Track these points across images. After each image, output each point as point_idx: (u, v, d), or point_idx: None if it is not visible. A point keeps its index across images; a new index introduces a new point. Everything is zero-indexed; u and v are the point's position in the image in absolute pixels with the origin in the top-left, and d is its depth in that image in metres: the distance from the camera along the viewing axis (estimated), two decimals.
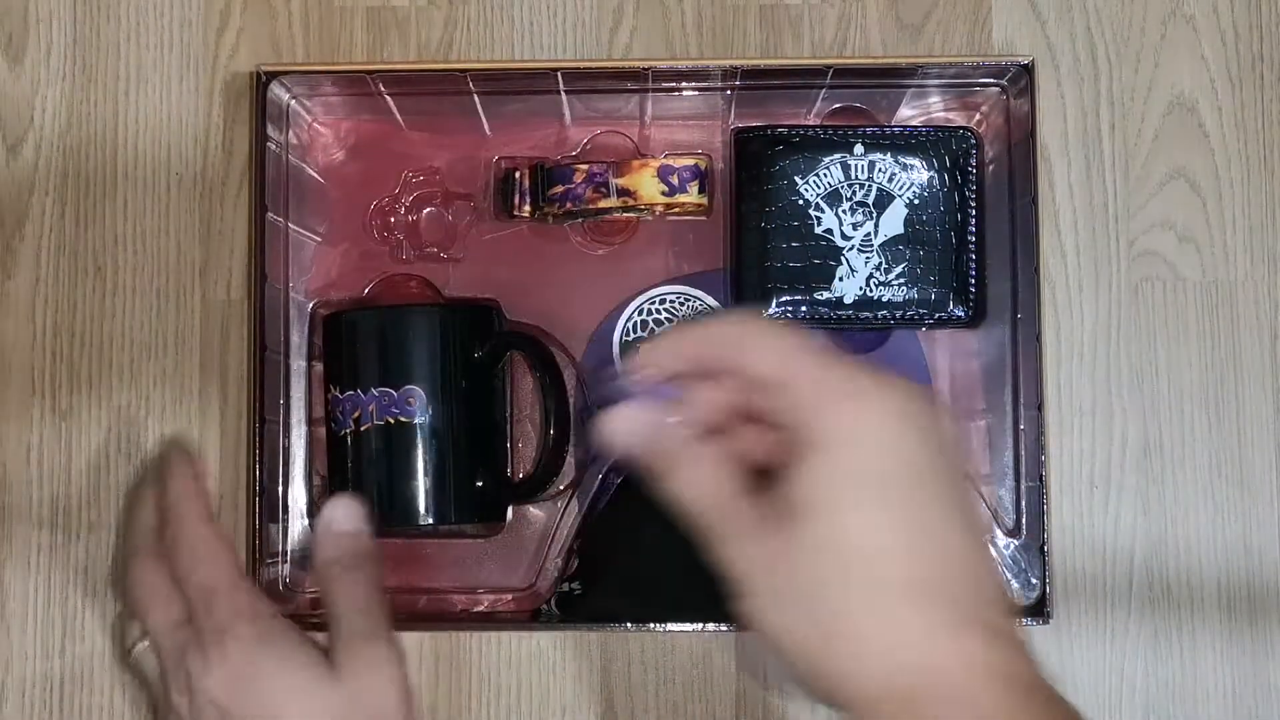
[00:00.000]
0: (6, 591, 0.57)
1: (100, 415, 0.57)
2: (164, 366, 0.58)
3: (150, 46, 0.59)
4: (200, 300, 0.58)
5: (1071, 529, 0.57)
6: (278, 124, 0.56)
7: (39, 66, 0.59)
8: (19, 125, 0.58)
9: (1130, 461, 0.58)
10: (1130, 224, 0.58)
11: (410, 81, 0.56)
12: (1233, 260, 0.58)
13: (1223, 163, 0.58)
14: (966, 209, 0.55)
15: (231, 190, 0.58)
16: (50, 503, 0.57)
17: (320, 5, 0.59)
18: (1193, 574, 0.57)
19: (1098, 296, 0.58)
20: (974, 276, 0.55)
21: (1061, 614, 0.56)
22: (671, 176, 0.55)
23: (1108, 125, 0.59)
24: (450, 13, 0.59)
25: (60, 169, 0.58)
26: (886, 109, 0.58)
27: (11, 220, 0.58)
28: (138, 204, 0.58)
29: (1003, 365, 0.56)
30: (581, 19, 0.59)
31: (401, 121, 0.58)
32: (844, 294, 0.55)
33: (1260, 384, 0.58)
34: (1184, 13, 0.59)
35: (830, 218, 0.55)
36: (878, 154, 0.55)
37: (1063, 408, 0.57)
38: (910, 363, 0.57)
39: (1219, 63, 0.59)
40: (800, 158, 0.55)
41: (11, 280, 0.58)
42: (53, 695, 0.56)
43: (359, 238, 0.58)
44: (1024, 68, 0.55)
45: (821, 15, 0.59)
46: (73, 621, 0.57)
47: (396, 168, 0.58)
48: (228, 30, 0.59)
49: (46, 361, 0.58)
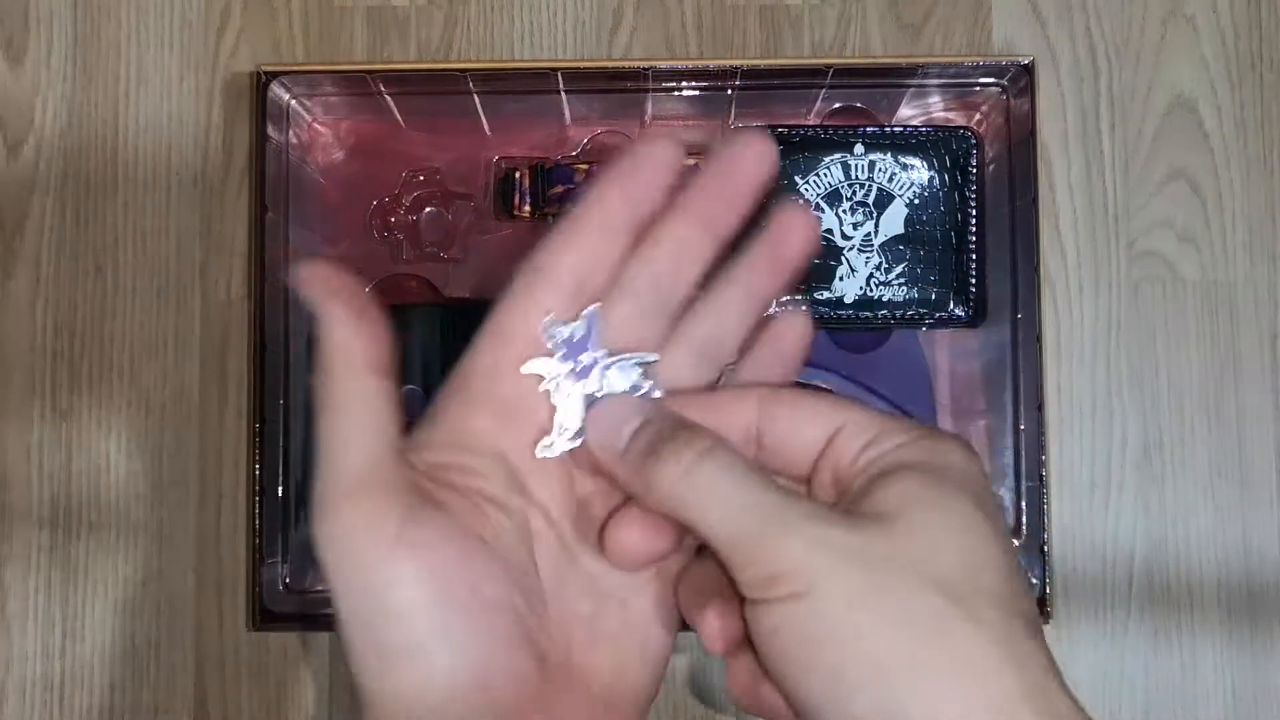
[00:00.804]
0: (6, 591, 0.57)
1: (100, 415, 0.57)
2: (164, 366, 0.58)
3: (150, 47, 0.59)
4: (200, 300, 0.58)
5: (1071, 529, 0.57)
6: (278, 124, 0.56)
7: (39, 67, 0.59)
8: (19, 125, 0.58)
9: (1130, 461, 0.58)
10: (1130, 224, 0.58)
11: (410, 81, 0.56)
12: (1233, 260, 0.58)
13: (1223, 162, 0.58)
14: (966, 209, 0.55)
15: (231, 190, 0.58)
16: (50, 503, 0.57)
17: (320, 5, 0.59)
18: (1193, 574, 0.57)
19: (1098, 296, 0.58)
20: (974, 276, 0.55)
21: (1061, 614, 0.56)
22: None
23: (1108, 125, 0.59)
24: (450, 13, 0.59)
25: (60, 169, 0.58)
26: (886, 109, 0.58)
27: (12, 220, 0.58)
28: (138, 204, 0.58)
29: (1003, 365, 0.56)
30: (581, 19, 0.59)
31: (401, 121, 0.58)
32: (844, 294, 0.55)
33: (1260, 384, 0.58)
34: (1184, 13, 0.59)
35: (830, 217, 0.55)
36: (878, 154, 0.55)
37: (1063, 408, 0.58)
38: (910, 363, 0.57)
39: (1219, 63, 0.59)
40: (800, 158, 0.55)
41: (11, 280, 0.58)
42: (53, 695, 0.57)
43: (359, 238, 0.58)
44: (1024, 68, 0.55)
45: (821, 15, 0.59)
46: (73, 621, 0.57)
47: (396, 168, 0.58)
48: (228, 30, 0.59)
49: (46, 361, 0.58)
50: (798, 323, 0.40)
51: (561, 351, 0.38)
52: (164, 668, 0.57)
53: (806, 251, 0.39)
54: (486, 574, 0.36)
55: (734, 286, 0.40)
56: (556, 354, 0.38)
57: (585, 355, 0.38)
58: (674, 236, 0.39)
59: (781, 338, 0.40)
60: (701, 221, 0.39)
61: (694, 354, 0.39)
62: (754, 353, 0.40)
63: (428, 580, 0.35)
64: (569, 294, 0.39)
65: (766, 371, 0.40)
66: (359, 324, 0.37)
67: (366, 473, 0.35)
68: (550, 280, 0.39)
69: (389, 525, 0.35)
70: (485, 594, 0.36)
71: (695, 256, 0.39)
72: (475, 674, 0.35)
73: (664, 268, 0.39)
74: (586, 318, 0.38)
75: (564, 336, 0.38)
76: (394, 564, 0.35)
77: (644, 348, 0.39)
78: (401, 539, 0.35)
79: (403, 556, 0.35)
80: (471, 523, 0.36)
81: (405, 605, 0.35)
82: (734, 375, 0.40)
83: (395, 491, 0.36)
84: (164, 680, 0.57)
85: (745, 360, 0.40)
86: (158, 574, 0.57)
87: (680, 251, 0.39)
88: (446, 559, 0.35)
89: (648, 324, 0.39)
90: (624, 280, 0.39)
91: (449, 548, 0.35)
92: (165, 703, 0.57)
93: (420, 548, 0.35)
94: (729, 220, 0.39)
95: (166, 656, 0.57)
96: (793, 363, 0.40)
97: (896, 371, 0.57)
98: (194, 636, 0.57)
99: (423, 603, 0.35)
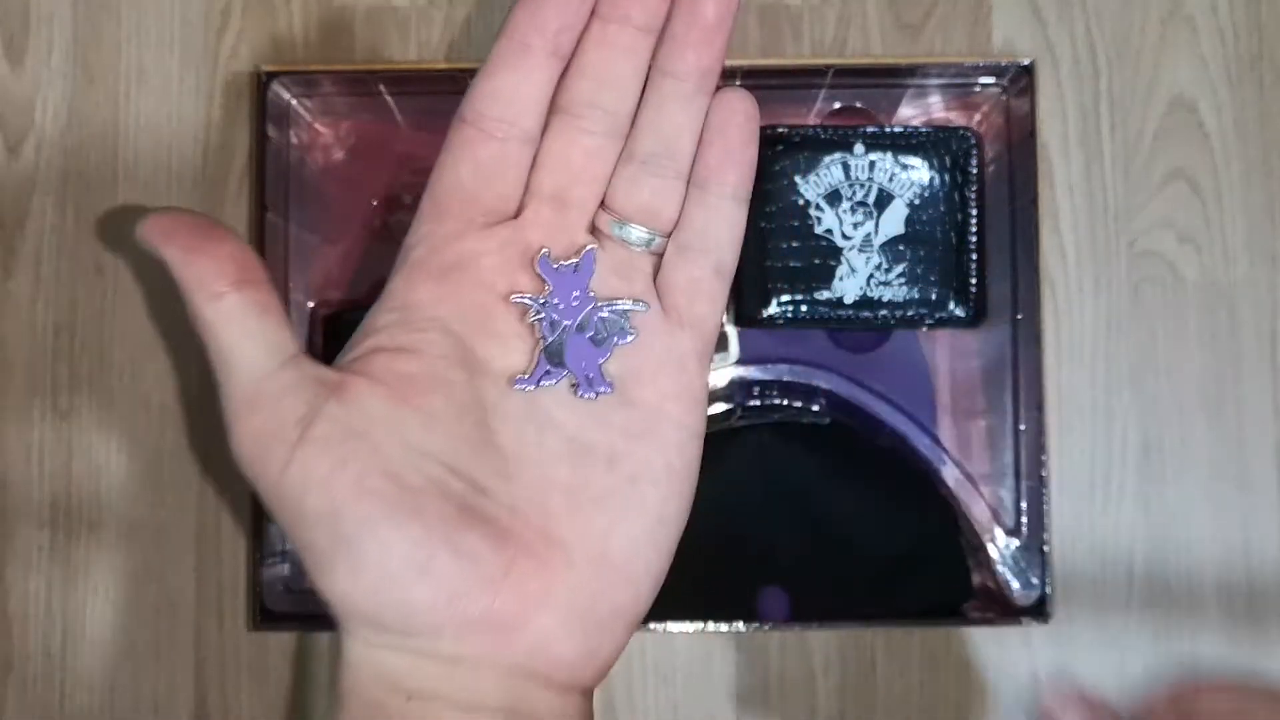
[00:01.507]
0: (7, 591, 0.57)
1: (100, 415, 0.57)
2: (164, 366, 0.58)
3: (151, 46, 0.59)
4: None
5: (1071, 529, 0.57)
6: (278, 124, 0.56)
7: (40, 66, 0.59)
8: (20, 125, 0.58)
9: (1130, 461, 0.58)
10: (1130, 224, 0.58)
11: (410, 81, 0.56)
12: (1233, 260, 0.58)
13: (1223, 162, 0.58)
14: (967, 209, 0.55)
15: (231, 190, 0.58)
16: (50, 503, 0.57)
17: (320, 5, 0.59)
18: (1193, 574, 0.57)
19: (1098, 296, 0.58)
20: (974, 276, 0.55)
21: (1061, 614, 0.56)
22: None
23: (1108, 125, 0.59)
24: (450, 13, 0.59)
25: (60, 169, 0.58)
26: (887, 109, 0.58)
27: (12, 220, 0.58)
28: (138, 204, 0.58)
29: (1003, 365, 0.56)
30: None
31: (401, 121, 0.58)
32: (844, 294, 0.55)
33: (1260, 384, 0.58)
34: (1184, 13, 0.59)
35: (830, 217, 0.55)
36: (878, 154, 0.55)
37: (1063, 408, 0.58)
38: (910, 363, 0.57)
39: (1219, 63, 0.59)
40: (800, 157, 0.55)
41: (11, 280, 0.58)
42: (53, 695, 0.57)
43: (359, 238, 0.58)
44: (1024, 68, 0.55)
45: (821, 15, 0.59)
46: (73, 621, 0.57)
47: (396, 168, 0.58)
48: (228, 30, 0.59)
49: (47, 361, 0.58)
50: (738, 104, 0.38)
51: (551, 286, 0.38)
52: (164, 668, 0.57)
53: (724, 14, 0.37)
54: (406, 460, 0.35)
55: (666, 79, 0.38)
56: (547, 287, 0.38)
57: (577, 294, 0.38)
58: (607, 44, 0.37)
59: (726, 126, 0.38)
60: (628, 19, 0.37)
61: (652, 173, 0.38)
62: (703, 153, 0.38)
63: (339, 477, 0.35)
64: (501, 143, 0.38)
65: (722, 168, 0.38)
66: (199, 251, 0.36)
67: (253, 385, 0.36)
68: (481, 130, 0.37)
69: (288, 430, 0.35)
70: (408, 481, 0.35)
71: (635, 61, 0.38)
72: (407, 562, 0.35)
73: (606, 82, 0.38)
74: (584, 255, 0.38)
75: (556, 270, 0.38)
76: (302, 467, 0.35)
77: (609, 177, 0.38)
78: (306, 441, 0.35)
79: (309, 457, 0.35)
80: (402, 405, 0.36)
81: (321, 507, 0.35)
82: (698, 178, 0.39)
83: (291, 395, 0.36)
84: (164, 680, 0.57)
85: (699, 160, 0.38)
86: (158, 574, 0.57)
87: (617, 59, 0.38)
88: (357, 452, 0.35)
89: (609, 149, 0.38)
90: (567, 106, 0.38)
91: (359, 443, 0.35)
92: (165, 703, 0.57)
93: (326, 445, 0.35)
94: (657, 8, 0.37)
95: (166, 656, 0.57)
96: (748, 149, 0.38)
97: (896, 371, 0.57)
98: (194, 636, 0.57)
99: (336, 502, 0.35)
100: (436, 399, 0.36)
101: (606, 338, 0.38)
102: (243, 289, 0.36)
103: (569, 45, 0.38)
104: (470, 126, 0.38)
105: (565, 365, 0.37)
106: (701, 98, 0.38)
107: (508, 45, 0.37)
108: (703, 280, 0.39)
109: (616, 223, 0.38)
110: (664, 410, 0.38)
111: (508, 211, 0.39)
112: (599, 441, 0.37)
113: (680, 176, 0.39)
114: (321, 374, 0.37)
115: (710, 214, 0.39)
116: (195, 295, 0.36)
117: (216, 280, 0.36)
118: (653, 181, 0.38)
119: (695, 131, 0.38)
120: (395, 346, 0.37)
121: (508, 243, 0.38)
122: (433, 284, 0.37)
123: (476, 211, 0.38)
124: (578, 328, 0.38)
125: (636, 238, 0.38)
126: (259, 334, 0.36)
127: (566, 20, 0.37)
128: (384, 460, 0.35)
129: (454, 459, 0.36)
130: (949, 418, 0.57)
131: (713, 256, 0.39)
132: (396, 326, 0.37)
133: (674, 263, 0.39)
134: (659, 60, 0.38)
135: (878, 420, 0.57)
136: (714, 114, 0.38)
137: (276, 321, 0.37)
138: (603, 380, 0.38)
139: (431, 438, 0.36)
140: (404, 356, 0.37)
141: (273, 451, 0.35)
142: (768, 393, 0.57)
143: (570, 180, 0.38)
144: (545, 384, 0.37)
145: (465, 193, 0.38)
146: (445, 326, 0.37)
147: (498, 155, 0.38)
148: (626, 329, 0.38)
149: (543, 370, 0.37)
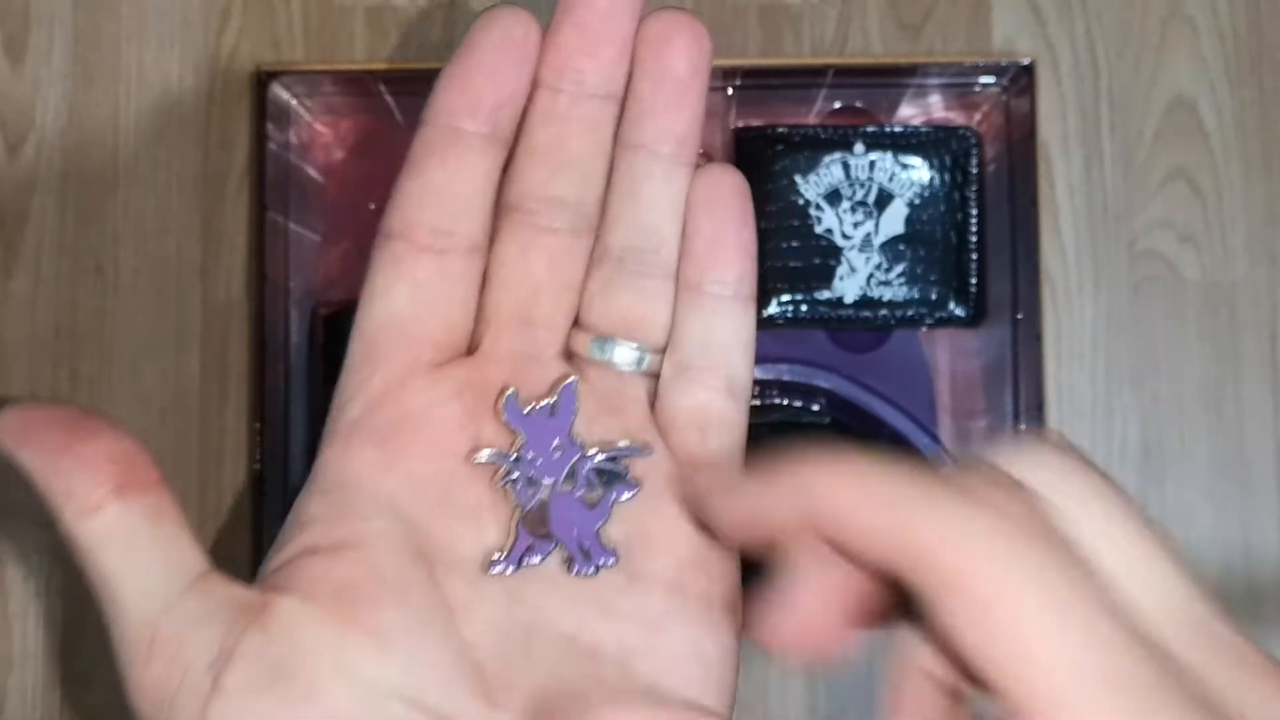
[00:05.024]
0: (7, 591, 0.57)
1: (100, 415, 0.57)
2: (164, 366, 0.58)
3: (150, 46, 0.59)
4: (200, 300, 0.58)
5: None
6: (278, 124, 0.56)
7: (39, 66, 0.59)
8: (20, 125, 0.58)
9: (1130, 461, 0.58)
10: (1130, 224, 0.58)
11: (410, 81, 0.56)
12: (1233, 260, 0.58)
13: (1223, 162, 0.58)
14: (967, 209, 0.55)
15: (231, 190, 0.58)
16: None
17: (320, 5, 0.59)
18: None
19: (1098, 296, 0.58)
20: (974, 276, 0.55)
21: None
22: None
23: (1108, 125, 0.59)
24: (450, 13, 0.59)
25: (60, 169, 0.58)
26: (887, 109, 0.58)
27: (12, 220, 0.58)
28: (138, 204, 0.58)
29: (1003, 365, 0.56)
30: None
31: (401, 121, 0.58)
32: (844, 293, 0.55)
33: (1260, 384, 0.58)
34: (1184, 13, 0.59)
35: (830, 217, 0.55)
36: (878, 153, 0.55)
37: (1063, 408, 0.58)
38: (910, 362, 0.57)
39: (1219, 63, 0.59)
40: (800, 157, 0.55)
41: (12, 280, 0.58)
42: (54, 695, 0.57)
43: (359, 237, 0.58)
44: (1024, 68, 0.55)
45: (821, 15, 0.59)
46: (74, 621, 0.57)
47: (396, 168, 0.58)
48: (228, 30, 0.59)
49: (47, 361, 0.58)
50: (724, 178, 0.32)
51: (523, 436, 0.30)
52: None
53: (698, 65, 0.31)
54: (354, 703, 0.27)
55: (637, 154, 0.31)
56: (518, 438, 0.30)
57: (557, 442, 0.30)
58: (558, 117, 0.30)
59: (714, 206, 0.31)
60: (581, 83, 0.30)
61: (633, 272, 0.31)
62: (691, 243, 0.31)
63: None
64: (439, 257, 0.30)
65: (717, 260, 0.31)
66: (65, 453, 0.30)
67: (148, 624, 0.30)
68: (414, 244, 0.30)
69: (197, 680, 0.28)
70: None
71: (596, 136, 0.30)
72: None
73: (563, 166, 0.30)
74: (561, 391, 0.30)
75: (528, 415, 0.30)
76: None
77: (580, 285, 0.30)
78: (220, 692, 0.27)
79: (227, 715, 0.27)
80: (345, 628, 0.27)
81: None
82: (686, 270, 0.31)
83: (198, 631, 0.28)
84: None
85: (687, 253, 0.31)
86: None
87: (574, 136, 0.30)
88: (288, 699, 0.27)
89: (576, 249, 0.31)
90: (519, 201, 0.30)
91: (290, 686, 0.27)
92: None
93: (247, 696, 0.27)
94: (615, 67, 0.30)
95: None
96: (743, 232, 0.32)
97: (896, 371, 0.57)
98: None
99: None
100: (388, 612, 0.28)
101: (602, 495, 0.30)
102: (126, 495, 0.29)
103: (510, 125, 0.31)
104: (399, 241, 0.31)
105: (552, 535, 0.29)
106: (681, 172, 0.32)
107: (433, 133, 0.31)
108: (712, 405, 0.31)
109: (596, 342, 0.31)
110: (684, 583, 0.29)
111: (459, 345, 0.31)
112: (606, 639, 0.29)
113: (667, 274, 0.31)
114: (237, 596, 0.28)
115: (710, 319, 0.31)
116: (64, 511, 0.30)
117: (90, 489, 0.29)
118: (635, 283, 0.31)
119: (678, 215, 0.31)
120: (331, 545, 0.28)
121: (464, 386, 0.30)
122: (373, 451, 0.29)
123: (420, 349, 0.30)
124: (563, 485, 0.30)
125: (623, 358, 0.31)
126: (151, 553, 0.29)
127: (503, 92, 0.30)
128: (325, 709, 0.27)
129: (418, 692, 0.27)
130: (949, 417, 0.57)
131: (721, 373, 0.31)
132: (332, 516, 0.29)
133: (674, 385, 0.31)
134: (625, 132, 0.31)
135: (878, 420, 0.57)
136: (697, 193, 0.32)
137: (174, 531, 0.29)
138: (602, 550, 0.29)
139: (386, 668, 0.27)
140: (344, 558, 0.28)
141: (179, 711, 0.28)
142: (768, 393, 0.57)
143: (533, 294, 0.31)
144: (529, 563, 0.29)
145: (403, 327, 0.30)
146: (393, 508, 0.29)
147: (438, 274, 0.30)
148: (627, 480, 0.30)
149: (524, 545, 0.29)
